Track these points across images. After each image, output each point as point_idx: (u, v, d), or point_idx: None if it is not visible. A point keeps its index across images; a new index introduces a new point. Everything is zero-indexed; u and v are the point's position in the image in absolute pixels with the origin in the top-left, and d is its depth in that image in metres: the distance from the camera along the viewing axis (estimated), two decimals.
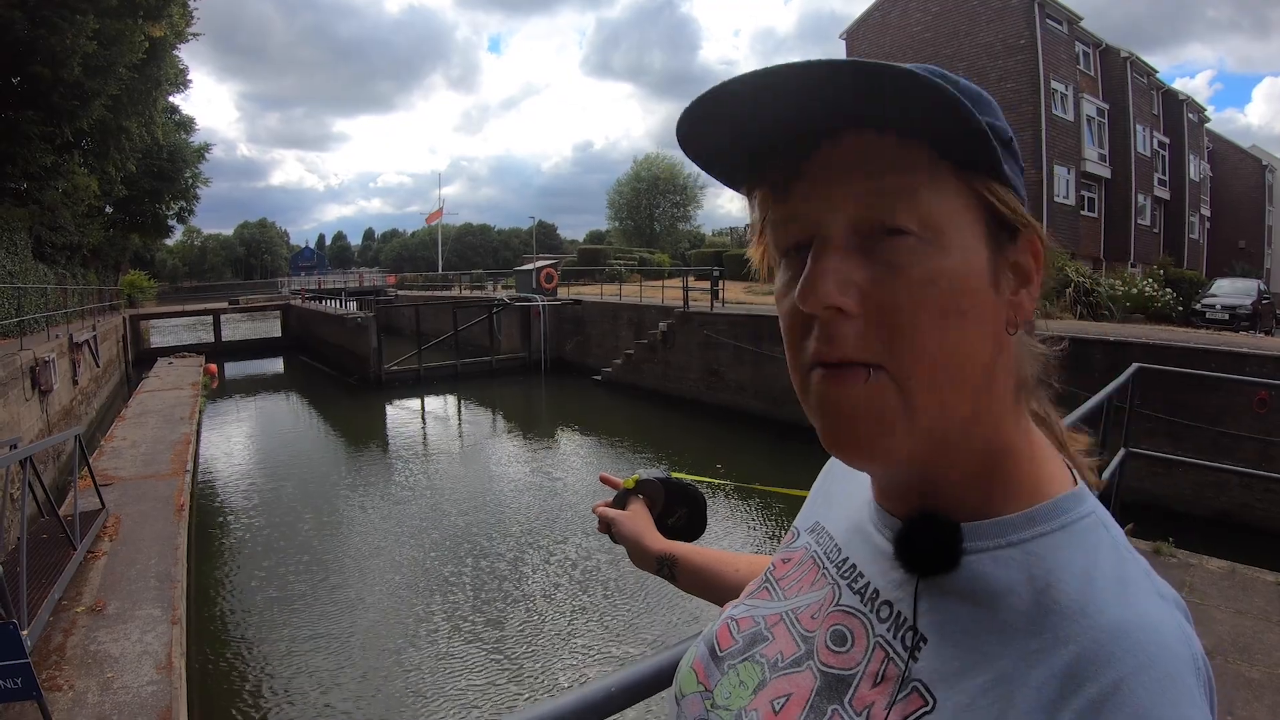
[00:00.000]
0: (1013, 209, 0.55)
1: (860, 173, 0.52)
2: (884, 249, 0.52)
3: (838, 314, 0.52)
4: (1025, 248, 0.56)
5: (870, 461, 0.56)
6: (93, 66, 15.79)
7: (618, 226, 65.65)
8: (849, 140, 0.53)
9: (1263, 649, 3.31)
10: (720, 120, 0.55)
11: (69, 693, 4.53)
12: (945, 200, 0.52)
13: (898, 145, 0.52)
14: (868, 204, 0.52)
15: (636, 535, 1.09)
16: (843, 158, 0.53)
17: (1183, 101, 36.38)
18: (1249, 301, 20.04)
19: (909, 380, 0.51)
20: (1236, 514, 10.28)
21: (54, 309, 17.58)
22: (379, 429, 19.06)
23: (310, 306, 34.48)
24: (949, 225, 0.52)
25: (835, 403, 0.53)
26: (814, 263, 0.53)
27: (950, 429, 0.54)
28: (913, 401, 0.52)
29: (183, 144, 32.30)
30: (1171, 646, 0.46)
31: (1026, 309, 0.56)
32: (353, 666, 7.24)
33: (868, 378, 0.52)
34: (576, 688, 0.87)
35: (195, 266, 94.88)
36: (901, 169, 0.52)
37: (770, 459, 14.61)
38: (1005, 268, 0.55)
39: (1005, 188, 0.54)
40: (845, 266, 0.52)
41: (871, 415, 0.52)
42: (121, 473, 9.18)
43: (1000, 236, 0.55)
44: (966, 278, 0.52)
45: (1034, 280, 0.57)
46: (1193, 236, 36.92)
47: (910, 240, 0.51)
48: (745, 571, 0.99)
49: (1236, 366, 10.58)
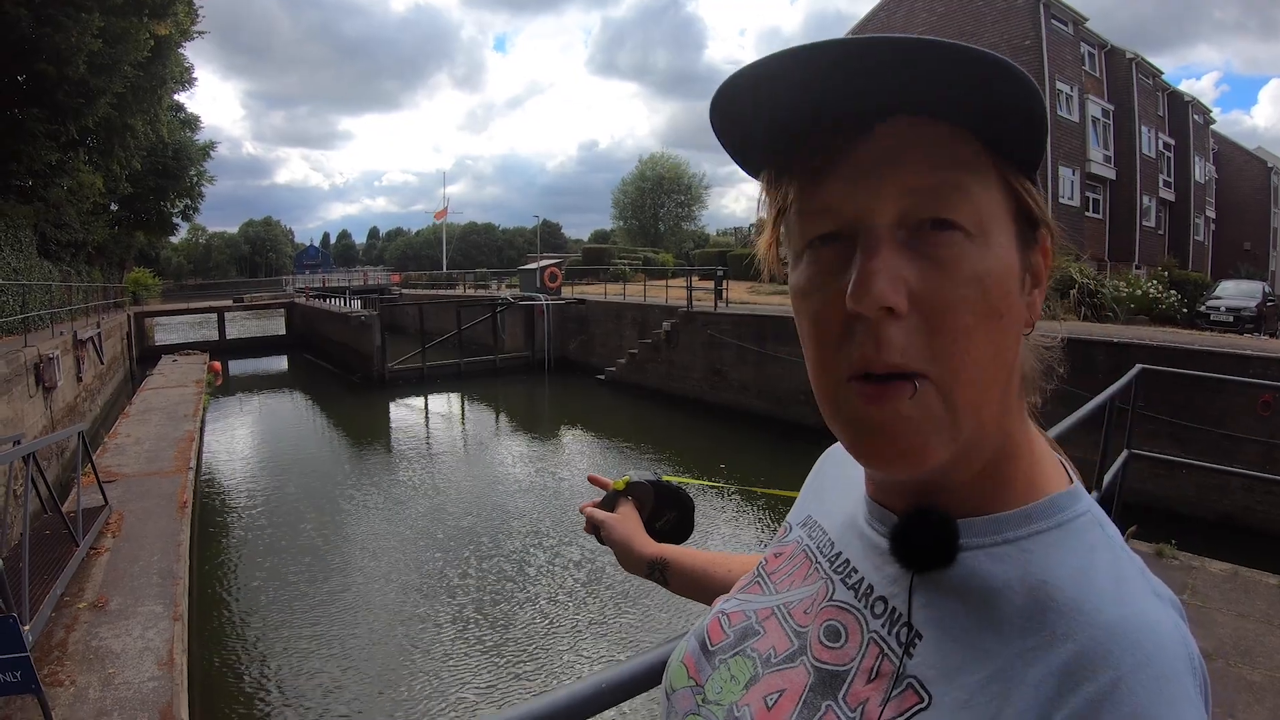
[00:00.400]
0: (1039, 208, 0.54)
1: (911, 162, 0.50)
2: (933, 244, 0.50)
3: (888, 314, 0.49)
4: (1040, 247, 0.56)
5: (907, 473, 0.54)
6: (98, 64, 15.78)
7: (622, 226, 65.69)
8: (899, 126, 0.51)
9: (1264, 652, 3.30)
10: (758, 100, 0.53)
11: (70, 688, 4.54)
12: (990, 196, 0.51)
13: (948, 134, 0.50)
14: (918, 195, 0.50)
15: (626, 538, 1.08)
16: (891, 145, 0.51)
17: (1188, 103, 36.26)
18: (1253, 304, 19.96)
19: (953, 386, 0.50)
20: (1239, 516, 10.25)
21: (58, 306, 17.60)
22: (382, 427, 19.09)
23: (314, 305, 34.49)
24: (992, 223, 0.51)
25: (877, 421, 0.51)
26: (865, 259, 0.50)
27: (986, 429, 0.53)
28: (955, 408, 0.50)
29: (188, 142, 32.30)
30: (1168, 645, 0.46)
31: (1038, 309, 0.56)
32: (354, 664, 7.24)
33: (913, 393, 0.50)
34: (567, 684, 0.86)
35: (200, 264, 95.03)
36: (952, 160, 0.50)
37: (773, 459, 14.63)
38: (1027, 268, 0.54)
39: (1036, 186, 0.54)
40: (897, 262, 0.50)
41: (914, 429, 0.50)
42: (125, 469, 9.20)
43: (1027, 236, 0.54)
44: (1006, 278, 0.51)
45: (1044, 281, 0.56)
46: (1197, 238, 36.81)
47: (958, 235, 0.50)
48: (738, 572, 0.98)
49: (1240, 369, 10.55)
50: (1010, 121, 0.50)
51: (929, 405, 0.50)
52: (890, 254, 0.50)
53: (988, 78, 0.47)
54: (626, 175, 66.38)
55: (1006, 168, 0.52)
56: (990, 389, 0.52)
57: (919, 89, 0.48)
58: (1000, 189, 0.52)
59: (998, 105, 0.49)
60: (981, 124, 0.50)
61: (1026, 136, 0.51)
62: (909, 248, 0.50)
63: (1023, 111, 0.49)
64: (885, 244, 0.50)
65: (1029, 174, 0.53)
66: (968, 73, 0.47)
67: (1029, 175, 0.53)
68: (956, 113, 0.50)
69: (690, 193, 64.55)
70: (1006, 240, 0.52)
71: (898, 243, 0.50)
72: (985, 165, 0.51)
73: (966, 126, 0.50)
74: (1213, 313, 19.63)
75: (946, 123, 0.50)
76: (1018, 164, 0.53)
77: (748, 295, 24.09)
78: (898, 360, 0.49)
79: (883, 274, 0.49)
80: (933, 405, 0.50)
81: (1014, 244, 0.53)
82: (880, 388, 0.50)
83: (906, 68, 0.48)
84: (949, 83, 0.48)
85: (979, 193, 0.50)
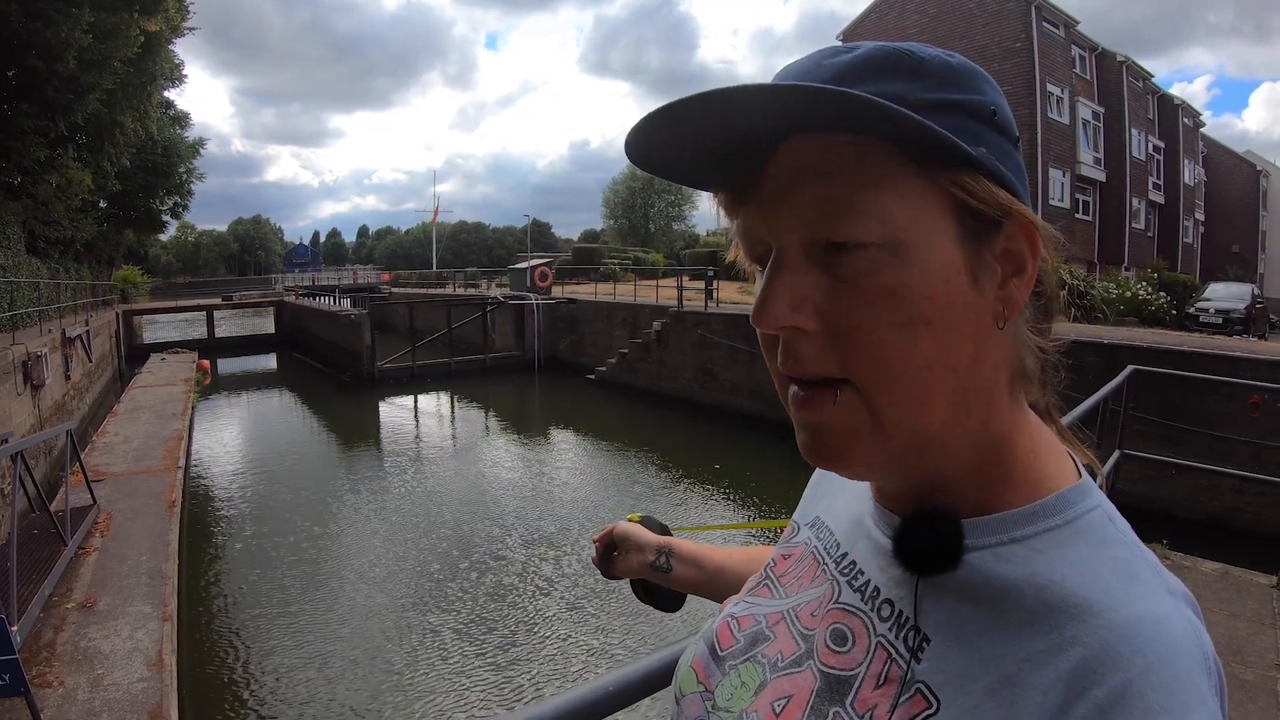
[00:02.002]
0: (987, 200, 0.51)
1: (812, 179, 0.50)
2: (838, 263, 0.50)
3: (797, 331, 0.51)
4: (1016, 233, 0.52)
5: (849, 472, 0.56)
6: (87, 60, 15.72)
7: (613, 225, 65.77)
8: (800, 144, 0.51)
9: (1255, 651, 3.32)
10: (678, 129, 0.52)
11: (59, 689, 4.51)
12: (906, 202, 0.49)
13: (852, 145, 0.49)
14: (820, 214, 0.50)
15: (634, 531, 1.07)
16: (794, 163, 0.51)
17: (1178, 106, 36.51)
18: (1242, 305, 20.12)
19: (875, 394, 0.50)
20: (1230, 517, 10.31)
21: (47, 303, 17.49)
22: (372, 426, 19.06)
23: (304, 303, 34.44)
24: (910, 230, 0.49)
25: (811, 423, 0.53)
26: (767, 280, 0.52)
27: (930, 433, 0.52)
28: (880, 416, 0.51)
29: (177, 139, 32.17)
30: (1181, 645, 0.44)
31: (1018, 299, 0.53)
32: (344, 663, 7.22)
33: (835, 400, 0.51)
34: (576, 686, 0.86)
35: (189, 262, 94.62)
36: (856, 172, 0.49)
37: (764, 458, 14.65)
38: (991, 260, 0.52)
39: (978, 175, 0.51)
40: (800, 282, 0.51)
41: (842, 432, 0.52)
42: (113, 468, 9.15)
43: (979, 229, 0.51)
44: (930, 285, 0.49)
45: (1028, 268, 0.53)
46: (1187, 240, 37.05)
47: (865, 253, 0.49)
48: (740, 557, 0.99)
49: (1230, 370, 10.63)
50: (894, 130, 0.48)
51: (852, 411, 0.51)
52: (794, 275, 0.51)
53: (844, 108, 0.47)
54: (617, 175, 66.62)
55: (930, 166, 0.50)
56: (928, 394, 0.51)
57: (803, 118, 0.49)
58: (926, 190, 0.50)
59: (872, 125, 0.48)
60: (873, 132, 0.49)
61: (921, 140, 0.48)
62: (819, 267, 0.51)
63: (890, 123, 0.47)
64: (789, 265, 0.52)
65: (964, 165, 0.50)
66: (829, 109, 0.48)
67: (965, 165, 0.50)
68: (853, 126, 0.49)
69: (681, 193, 64.51)
70: (938, 242, 0.50)
71: (806, 261, 0.51)
72: (899, 171, 0.49)
73: (861, 136, 0.49)
74: (1202, 314, 19.77)
75: (849, 134, 0.49)
76: (943, 160, 0.50)
77: (738, 295, 24.11)
78: (813, 370, 0.52)
79: (781, 294, 0.51)
80: (857, 412, 0.51)
81: (954, 243, 0.50)
82: (808, 392, 0.53)
83: (782, 108, 0.49)
84: (827, 113, 0.48)
85: (890, 202, 0.49)
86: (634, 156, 0.56)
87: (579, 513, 11.88)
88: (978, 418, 0.54)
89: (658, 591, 1.08)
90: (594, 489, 13.56)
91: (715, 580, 0.99)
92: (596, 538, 1.12)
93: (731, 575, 0.97)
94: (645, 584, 1.08)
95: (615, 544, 1.09)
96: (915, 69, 0.51)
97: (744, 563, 0.98)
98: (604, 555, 1.10)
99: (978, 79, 0.54)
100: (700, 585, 1.01)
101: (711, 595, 0.98)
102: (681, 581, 1.03)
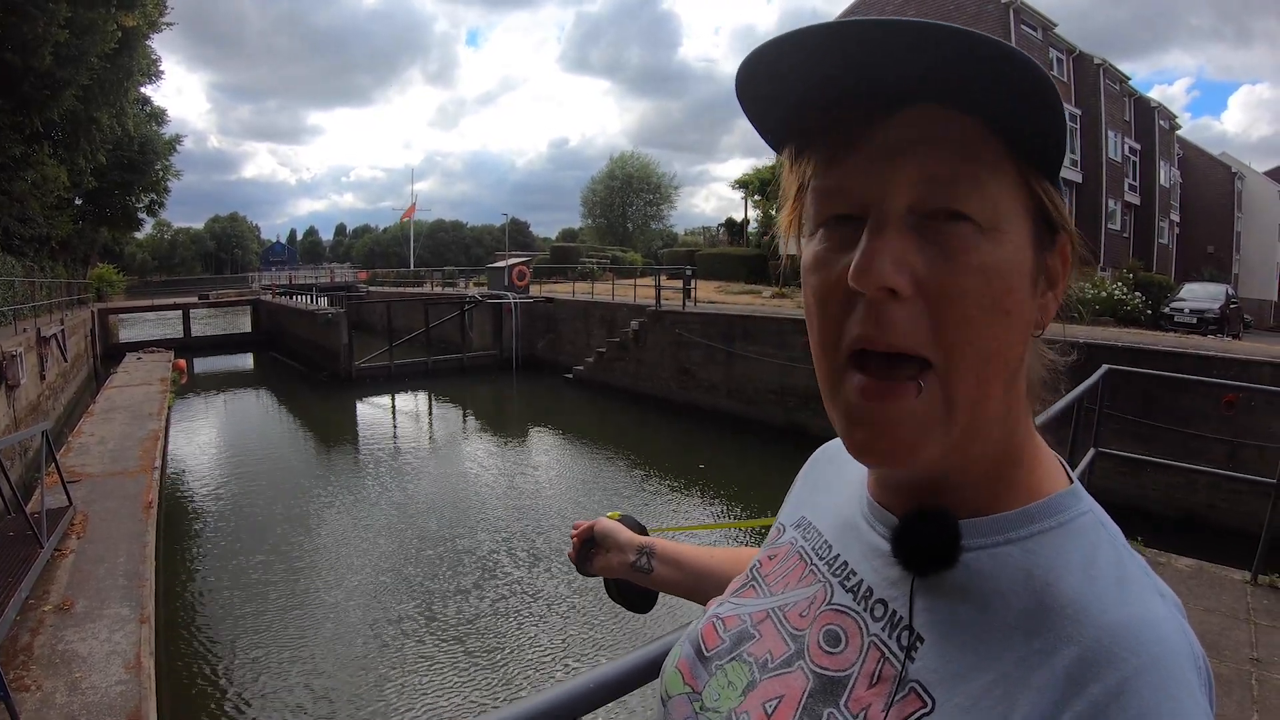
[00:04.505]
0: (1060, 209, 0.54)
1: (929, 151, 0.50)
2: (943, 233, 0.50)
3: (890, 295, 0.50)
4: (1059, 251, 0.56)
5: (903, 467, 0.55)
6: (64, 56, 15.55)
7: (591, 224, 65.62)
8: (921, 114, 0.51)
9: (1231, 645, 3.37)
10: (784, 73, 0.52)
11: (36, 693, 4.45)
12: (1006, 193, 0.51)
13: (969, 128, 0.50)
14: (933, 184, 0.50)
15: (615, 529, 1.07)
16: (911, 132, 0.51)
17: (1154, 108, 36.89)
18: (1217, 306, 20.36)
19: (953, 376, 0.51)
20: (1204, 514, 10.45)
21: (21, 302, 17.26)
22: (349, 426, 18.92)
23: (281, 302, 34.07)
24: (1006, 219, 0.51)
25: (877, 415, 0.52)
26: (870, 239, 0.51)
27: (981, 427, 0.53)
28: (954, 398, 0.51)
29: (154, 136, 31.86)
30: (1174, 645, 0.46)
31: (1051, 312, 0.56)
32: (323, 664, 7.18)
33: (919, 389, 0.51)
34: (560, 682, 0.86)
35: (165, 260, 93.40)
36: (971, 153, 0.50)
37: (740, 458, 14.74)
38: (1042, 270, 0.54)
39: (1056, 189, 0.54)
40: (903, 246, 0.50)
41: (914, 424, 0.51)
42: (89, 469, 9.04)
43: (1044, 238, 0.54)
44: (1016, 275, 0.51)
45: (1059, 285, 0.56)
46: (1162, 241, 37.44)
47: (970, 227, 0.50)
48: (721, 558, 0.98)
49: (1204, 369, 10.76)
50: (1031, 121, 0.50)
51: (931, 400, 0.51)
52: (897, 237, 0.50)
53: (1010, 73, 0.47)
54: (596, 174, 66.45)
55: (1026, 167, 0.52)
56: (991, 384, 0.52)
57: (942, 77, 0.49)
58: (1018, 187, 0.52)
59: (1019, 102, 0.49)
60: (1003, 120, 0.50)
61: (1047, 137, 0.50)
62: (919, 234, 0.51)
63: (1043, 111, 0.49)
64: (893, 227, 0.51)
65: (1050, 176, 0.53)
66: (992, 66, 0.47)
67: (1050, 178, 0.53)
68: (979, 106, 0.50)
69: (660, 192, 64.71)
70: (1020, 239, 0.52)
71: (907, 228, 0.51)
72: (1004, 162, 0.51)
73: (988, 122, 0.50)
74: (1177, 314, 19.98)
75: (968, 116, 0.50)
76: (1037, 165, 0.52)
77: (715, 295, 24.16)
78: (898, 341, 0.50)
79: (886, 255, 0.50)
80: (934, 400, 0.51)
81: (1029, 243, 0.53)
82: (883, 383, 0.51)
83: (931, 54, 0.48)
84: (972, 74, 0.48)
85: (994, 188, 0.50)
86: (742, 84, 0.54)
87: (557, 512, 11.85)
88: (1010, 422, 0.55)
89: (631, 591, 1.08)
90: (572, 488, 13.53)
91: (697, 581, 0.99)
92: (575, 532, 1.11)
93: (714, 576, 0.96)
94: (619, 583, 1.08)
95: (594, 541, 1.08)
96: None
97: (726, 563, 0.98)
98: (582, 551, 1.09)
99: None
100: (681, 586, 1.01)
101: (693, 596, 0.98)
102: (662, 582, 1.02)
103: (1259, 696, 3.02)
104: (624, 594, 1.08)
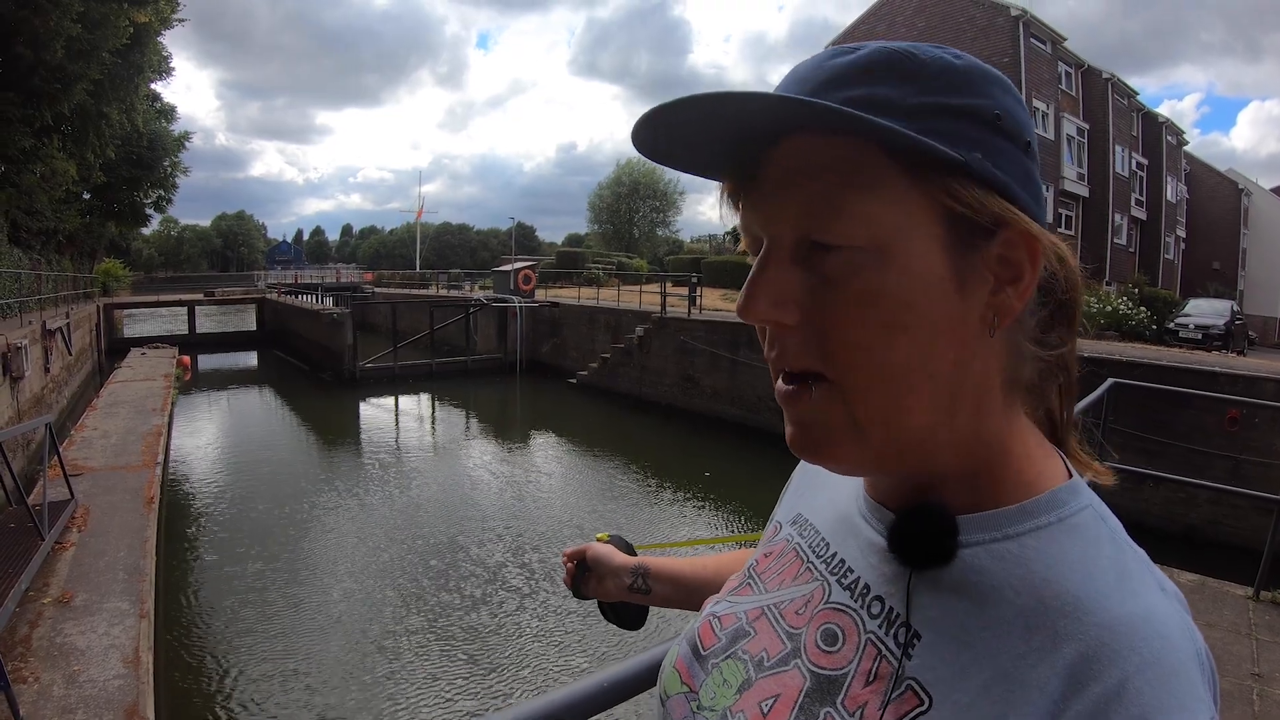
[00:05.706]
0: (975, 206, 0.50)
1: (803, 178, 0.51)
2: (822, 261, 0.51)
3: (780, 325, 0.53)
4: (1015, 241, 0.52)
5: (831, 466, 0.56)
6: (76, 50, 15.60)
7: (597, 230, 65.58)
8: (798, 142, 0.52)
9: (1232, 660, 3.36)
10: (681, 126, 0.53)
11: (34, 685, 4.45)
12: (894, 206, 0.50)
13: (847, 146, 0.50)
14: (808, 213, 0.51)
15: (608, 553, 1.07)
16: (790, 160, 0.52)
17: (1162, 124, 36.86)
18: (1222, 322, 20.31)
19: (849, 393, 0.52)
20: (1206, 529, 10.43)
21: (28, 295, 17.33)
22: (352, 426, 18.95)
23: (286, 301, 34.16)
24: (895, 235, 0.50)
25: (793, 416, 0.55)
26: (753, 274, 0.54)
27: (910, 435, 0.53)
28: (854, 414, 0.52)
29: (163, 132, 31.88)
30: (1176, 641, 0.45)
31: (1011, 308, 0.53)
32: (322, 662, 7.17)
33: (810, 393, 0.53)
34: (563, 685, 0.86)
35: (171, 257, 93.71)
36: (847, 173, 0.50)
37: (744, 465, 14.71)
38: (983, 267, 0.52)
39: (971, 183, 0.50)
40: (784, 278, 0.53)
41: (819, 426, 0.54)
42: (91, 463, 9.04)
43: (970, 236, 0.51)
44: (910, 291, 0.50)
45: (1025, 277, 0.52)
46: (1168, 256, 37.37)
47: (848, 254, 0.50)
48: (720, 570, 0.97)
49: (1208, 385, 10.75)
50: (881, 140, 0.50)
51: (830, 406, 0.53)
52: (779, 270, 0.53)
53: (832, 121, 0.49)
54: (603, 179, 66.44)
55: (920, 171, 0.50)
56: (905, 397, 0.51)
57: (795, 122, 0.52)
58: (915, 195, 0.50)
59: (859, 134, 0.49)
60: (867, 137, 0.49)
61: (909, 149, 0.49)
62: (803, 265, 0.53)
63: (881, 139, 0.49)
64: (774, 261, 0.53)
65: (957, 172, 0.50)
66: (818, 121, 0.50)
67: (957, 173, 0.50)
68: (837, 132, 0.50)
69: (665, 199, 64.55)
70: (923, 248, 0.50)
71: (792, 261, 0.53)
72: (890, 174, 0.50)
73: (860, 138, 0.50)
74: (1181, 329, 19.94)
75: (843, 138, 0.50)
76: (932, 166, 0.50)
77: (721, 302, 24.14)
78: (793, 364, 0.54)
79: (763, 289, 0.53)
80: (834, 407, 0.53)
81: (941, 249, 0.51)
82: (790, 386, 0.55)
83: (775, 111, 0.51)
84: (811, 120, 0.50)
85: (877, 206, 0.50)
86: (640, 146, 0.56)
87: (559, 516, 11.85)
88: (966, 422, 0.54)
89: (626, 611, 1.09)
90: (574, 493, 13.53)
91: (696, 594, 0.97)
92: (566, 557, 1.11)
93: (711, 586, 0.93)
94: (614, 606, 1.09)
95: (588, 566, 1.08)
96: (914, 72, 0.52)
97: (723, 569, 0.97)
98: (576, 576, 1.09)
99: (986, 82, 0.54)
100: (680, 602, 1.01)
101: (694, 608, 0.96)
102: (663, 600, 1.03)
103: (1260, 712, 3.01)
104: (619, 615, 1.10)
